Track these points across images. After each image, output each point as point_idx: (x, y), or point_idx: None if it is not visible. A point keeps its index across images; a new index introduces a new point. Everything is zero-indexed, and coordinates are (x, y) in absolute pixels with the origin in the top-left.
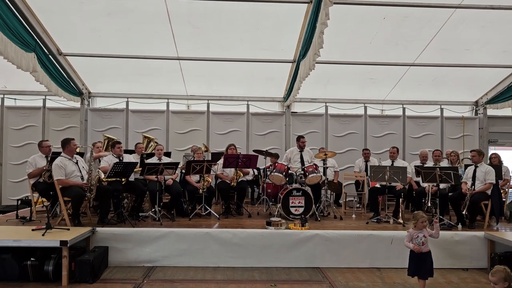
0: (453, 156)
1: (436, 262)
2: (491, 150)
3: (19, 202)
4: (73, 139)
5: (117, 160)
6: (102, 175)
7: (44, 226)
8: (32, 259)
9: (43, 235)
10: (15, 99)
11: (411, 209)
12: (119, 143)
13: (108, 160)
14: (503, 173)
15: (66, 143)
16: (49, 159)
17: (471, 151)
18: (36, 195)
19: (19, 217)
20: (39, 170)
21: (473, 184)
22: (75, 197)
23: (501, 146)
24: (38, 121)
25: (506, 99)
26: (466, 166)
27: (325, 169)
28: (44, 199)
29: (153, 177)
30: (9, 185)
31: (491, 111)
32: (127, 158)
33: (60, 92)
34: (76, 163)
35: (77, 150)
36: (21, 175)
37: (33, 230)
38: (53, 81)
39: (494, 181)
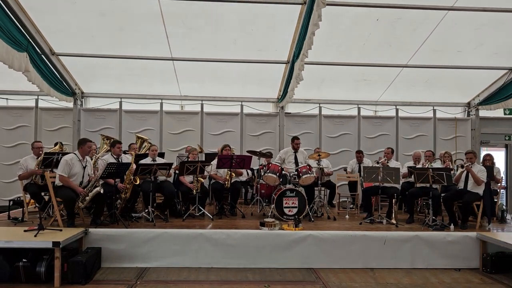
0: (447, 157)
1: (429, 262)
2: (483, 151)
3: (11, 202)
4: (90, 141)
5: (115, 161)
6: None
7: (36, 227)
8: (24, 260)
9: (35, 236)
10: (7, 99)
11: (404, 210)
12: (119, 142)
13: (106, 160)
14: (494, 174)
15: (81, 143)
16: (40, 160)
17: (467, 153)
18: (28, 195)
19: (11, 218)
20: (29, 172)
21: (466, 183)
22: (66, 199)
23: (493, 147)
24: (30, 121)
25: (499, 100)
26: (458, 167)
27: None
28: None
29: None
30: (1, 185)
31: (483, 113)
32: (126, 159)
33: (52, 92)
34: (84, 167)
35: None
36: (13, 176)
37: (25, 231)
38: (45, 81)
39: (485, 180)
